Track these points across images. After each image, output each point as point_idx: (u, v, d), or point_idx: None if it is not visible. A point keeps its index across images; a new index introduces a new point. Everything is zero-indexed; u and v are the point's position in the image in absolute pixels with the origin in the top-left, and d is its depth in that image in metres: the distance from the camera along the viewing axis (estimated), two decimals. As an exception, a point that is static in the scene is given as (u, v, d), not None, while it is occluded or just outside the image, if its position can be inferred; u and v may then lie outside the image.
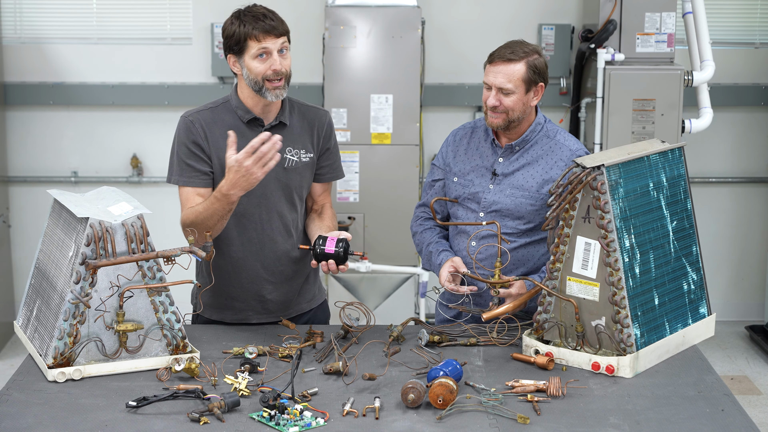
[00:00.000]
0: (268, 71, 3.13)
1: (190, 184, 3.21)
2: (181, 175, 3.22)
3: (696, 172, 6.04)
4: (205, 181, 3.22)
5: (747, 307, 6.33)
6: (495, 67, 3.20)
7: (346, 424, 2.52)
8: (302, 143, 3.29)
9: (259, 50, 3.12)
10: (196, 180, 3.21)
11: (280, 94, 3.17)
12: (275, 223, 3.27)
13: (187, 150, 3.21)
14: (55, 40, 5.96)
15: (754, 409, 5.07)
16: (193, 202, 3.18)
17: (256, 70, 3.14)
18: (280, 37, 3.14)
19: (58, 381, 2.73)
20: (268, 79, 3.14)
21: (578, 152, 3.27)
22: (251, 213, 3.25)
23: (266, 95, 3.16)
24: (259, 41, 3.11)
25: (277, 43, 3.13)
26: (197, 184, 3.21)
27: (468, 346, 3.04)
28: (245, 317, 3.34)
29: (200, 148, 3.21)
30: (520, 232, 3.28)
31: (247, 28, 3.11)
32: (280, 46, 3.14)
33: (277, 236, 3.28)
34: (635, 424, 2.52)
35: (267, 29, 3.11)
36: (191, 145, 3.21)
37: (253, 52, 3.13)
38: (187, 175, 3.21)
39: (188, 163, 3.21)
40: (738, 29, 6.09)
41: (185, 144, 3.22)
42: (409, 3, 5.27)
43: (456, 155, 3.38)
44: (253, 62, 3.14)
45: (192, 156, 3.21)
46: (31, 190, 6.06)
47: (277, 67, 3.13)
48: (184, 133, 3.22)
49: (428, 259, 3.39)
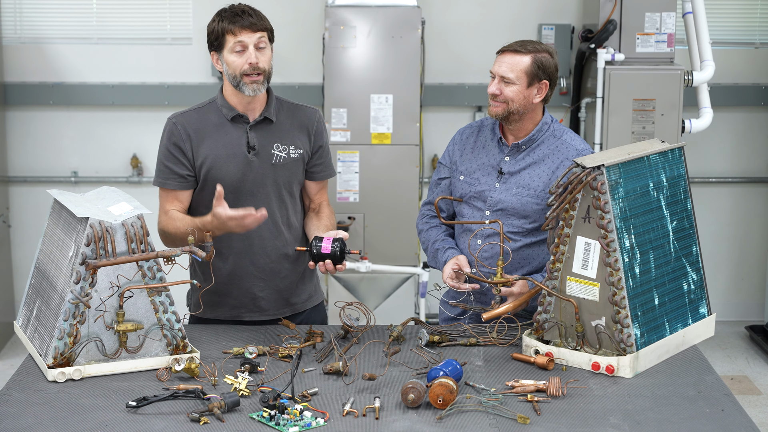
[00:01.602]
0: (245, 65, 3.18)
1: (166, 186, 3.28)
2: (158, 176, 3.30)
3: (696, 172, 6.04)
4: (181, 184, 3.28)
5: (747, 307, 6.33)
6: (502, 57, 3.26)
7: (346, 424, 2.52)
8: (290, 139, 3.32)
9: (236, 44, 3.18)
10: (172, 182, 3.27)
11: (258, 89, 3.21)
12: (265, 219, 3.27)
13: (168, 152, 3.28)
14: (55, 40, 5.95)
15: (754, 409, 5.07)
16: (168, 204, 3.27)
17: (233, 64, 3.19)
18: (258, 32, 3.19)
19: (58, 381, 2.73)
20: (246, 73, 3.19)
21: (584, 152, 3.28)
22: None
23: (243, 89, 3.20)
24: (235, 35, 3.17)
25: (253, 37, 3.18)
26: (173, 186, 3.27)
27: (468, 346, 3.04)
28: (238, 314, 3.36)
29: (180, 150, 3.26)
30: (525, 231, 3.28)
31: (224, 23, 3.19)
32: (257, 41, 3.19)
33: (265, 232, 3.29)
34: (635, 424, 2.52)
35: (244, 24, 3.17)
36: (171, 147, 3.27)
37: (230, 46, 3.19)
38: (165, 176, 3.28)
39: (166, 165, 3.28)
40: (738, 29, 6.09)
41: (166, 146, 3.29)
42: (409, 3, 5.27)
43: (463, 154, 3.39)
44: (231, 56, 3.19)
45: (171, 158, 3.27)
46: (31, 190, 6.05)
47: (252, 60, 3.17)
48: (167, 135, 3.30)
49: (434, 257, 3.39)
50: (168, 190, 3.29)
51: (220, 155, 3.25)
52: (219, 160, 3.24)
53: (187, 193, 3.29)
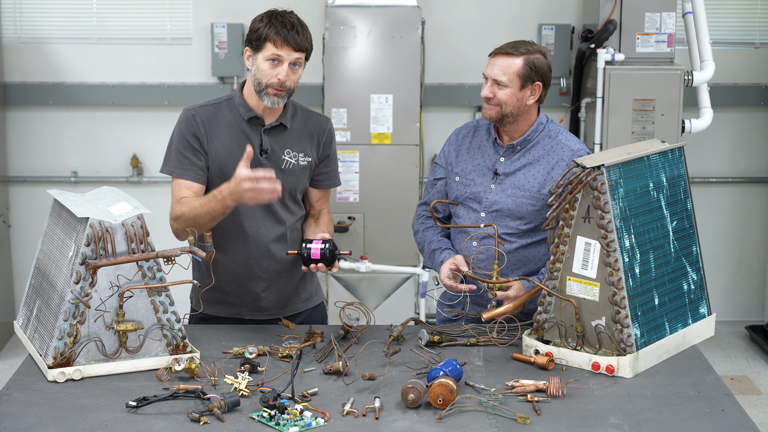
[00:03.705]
0: (273, 79, 3.15)
1: (185, 177, 3.23)
2: (177, 167, 3.24)
3: (696, 172, 6.04)
4: (200, 176, 3.24)
5: (747, 307, 6.33)
6: (494, 59, 3.24)
7: (346, 424, 2.52)
8: (301, 146, 3.31)
9: (273, 55, 3.14)
10: (191, 173, 3.23)
11: (277, 102, 3.19)
12: (270, 221, 3.29)
13: (186, 143, 3.24)
14: (55, 40, 5.96)
15: (754, 409, 5.07)
16: (185, 194, 3.22)
17: (263, 72, 3.16)
18: (297, 52, 3.15)
19: (58, 381, 2.73)
20: (271, 85, 3.15)
21: (580, 152, 3.27)
22: (246, 212, 3.26)
23: (264, 99, 3.19)
24: (276, 46, 3.13)
25: (292, 55, 3.14)
26: (192, 177, 3.23)
27: (468, 346, 3.04)
28: (239, 312, 3.36)
29: (199, 142, 3.23)
30: (521, 232, 3.28)
31: (270, 30, 3.13)
32: (294, 59, 3.15)
33: (270, 235, 3.30)
34: (635, 424, 2.52)
35: (288, 39, 3.12)
36: (191, 138, 3.23)
37: (267, 54, 3.14)
38: (183, 167, 3.24)
39: (186, 156, 3.23)
40: (738, 29, 6.09)
41: (185, 136, 3.24)
42: (409, 3, 5.27)
43: (458, 154, 3.38)
44: (264, 64, 3.16)
45: (190, 149, 3.23)
46: (31, 190, 6.06)
47: (282, 77, 3.14)
48: (185, 125, 3.25)
49: (430, 257, 3.39)
50: (183, 180, 3.23)
51: (233, 153, 3.22)
52: (231, 158, 3.22)
53: (201, 187, 3.23)
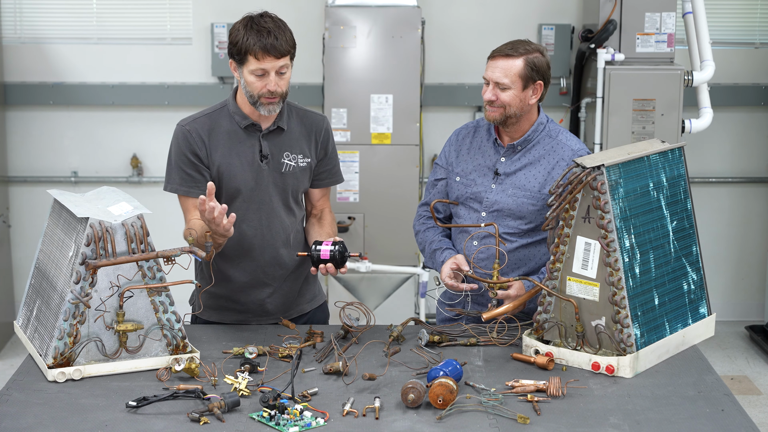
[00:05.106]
0: (263, 90, 3.12)
1: (191, 194, 3.22)
2: (181, 185, 3.23)
3: (696, 172, 6.04)
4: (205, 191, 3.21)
5: (747, 307, 6.33)
6: (494, 62, 3.23)
7: (346, 424, 2.52)
8: (299, 148, 3.30)
9: (257, 69, 3.10)
10: (197, 190, 3.21)
11: (274, 110, 3.17)
12: (275, 227, 3.29)
13: (187, 160, 3.22)
14: (55, 40, 5.95)
15: (754, 409, 5.07)
16: (190, 214, 3.22)
17: (252, 85, 3.13)
18: (281, 59, 3.10)
19: (58, 381, 2.73)
20: (263, 95, 3.13)
21: (580, 152, 3.27)
22: (251, 218, 3.26)
23: (260, 109, 3.17)
24: (258, 59, 3.08)
25: (276, 64, 3.09)
26: (197, 195, 3.19)
27: (468, 346, 3.04)
28: (245, 319, 3.35)
29: (198, 157, 3.22)
30: (521, 232, 3.28)
31: (249, 42, 3.07)
32: (279, 68, 3.11)
33: (276, 240, 3.29)
34: (635, 424, 2.52)
35: (268, 48, 3.06)
36: (191, 155, 3.21)
37: (251, 68, 3.10)
38: (188, 185, 3.23)
39: (188, 173, 3.22)
40: (738, 29, 6.09)
41: (184, 154, 3.22)
42: (409, 3, 5.27)
43: (459, 154, 3.38)
44: (250, 77, 3.12)
45: (192, 166, 3.22)
46: (31, 190, 6.05)
47: (272, 87, 3.11)
48: (183, 143, 3.22)
49: (431, 257, 3.39)
50: (190, 198, 3.22)
51: (234, 163, 3.22)
52: (232, 168, 3.22)
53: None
